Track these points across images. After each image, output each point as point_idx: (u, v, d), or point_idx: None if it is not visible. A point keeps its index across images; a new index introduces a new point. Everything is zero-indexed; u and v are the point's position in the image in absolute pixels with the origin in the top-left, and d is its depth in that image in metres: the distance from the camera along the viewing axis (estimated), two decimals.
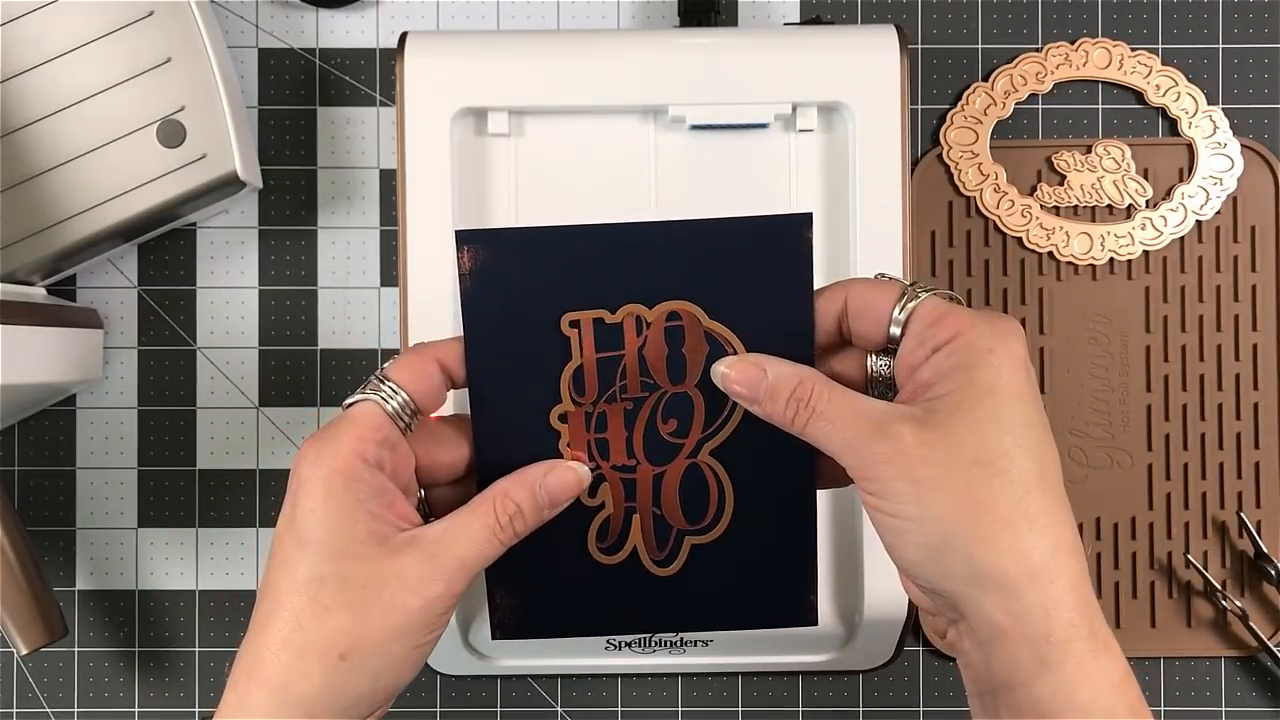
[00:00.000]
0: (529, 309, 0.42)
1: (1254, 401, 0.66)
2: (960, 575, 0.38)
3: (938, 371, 0.39)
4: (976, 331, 0.39)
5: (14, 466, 0.67)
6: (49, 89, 0.59)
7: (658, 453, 0.44)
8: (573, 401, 0.43)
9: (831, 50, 0.60)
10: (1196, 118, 0.66)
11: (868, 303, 0.42)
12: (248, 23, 0.67)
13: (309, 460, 0.40)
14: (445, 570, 0.40)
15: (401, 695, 0.66)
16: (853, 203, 0.59)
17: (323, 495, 0.40)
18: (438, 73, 0.59)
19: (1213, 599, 0.66)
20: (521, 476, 0.42)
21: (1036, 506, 0.38)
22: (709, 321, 0.43)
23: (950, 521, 0.38)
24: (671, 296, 0.42)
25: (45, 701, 0.66)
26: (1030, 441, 0.39)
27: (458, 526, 0.41)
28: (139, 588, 0.67)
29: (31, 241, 0.59)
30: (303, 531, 0.40)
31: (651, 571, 0.45)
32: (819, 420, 0.40)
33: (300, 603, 0.39)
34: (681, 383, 0.43)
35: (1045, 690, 0.38)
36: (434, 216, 0.59)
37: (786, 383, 0.41)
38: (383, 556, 0.40)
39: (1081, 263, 0.66)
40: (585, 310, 0.42)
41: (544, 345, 0.43)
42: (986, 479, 0.38)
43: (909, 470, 0.38)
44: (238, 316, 0.66)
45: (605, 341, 0.43)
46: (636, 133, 0.61)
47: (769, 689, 0.67)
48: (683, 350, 0.43)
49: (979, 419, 0.38)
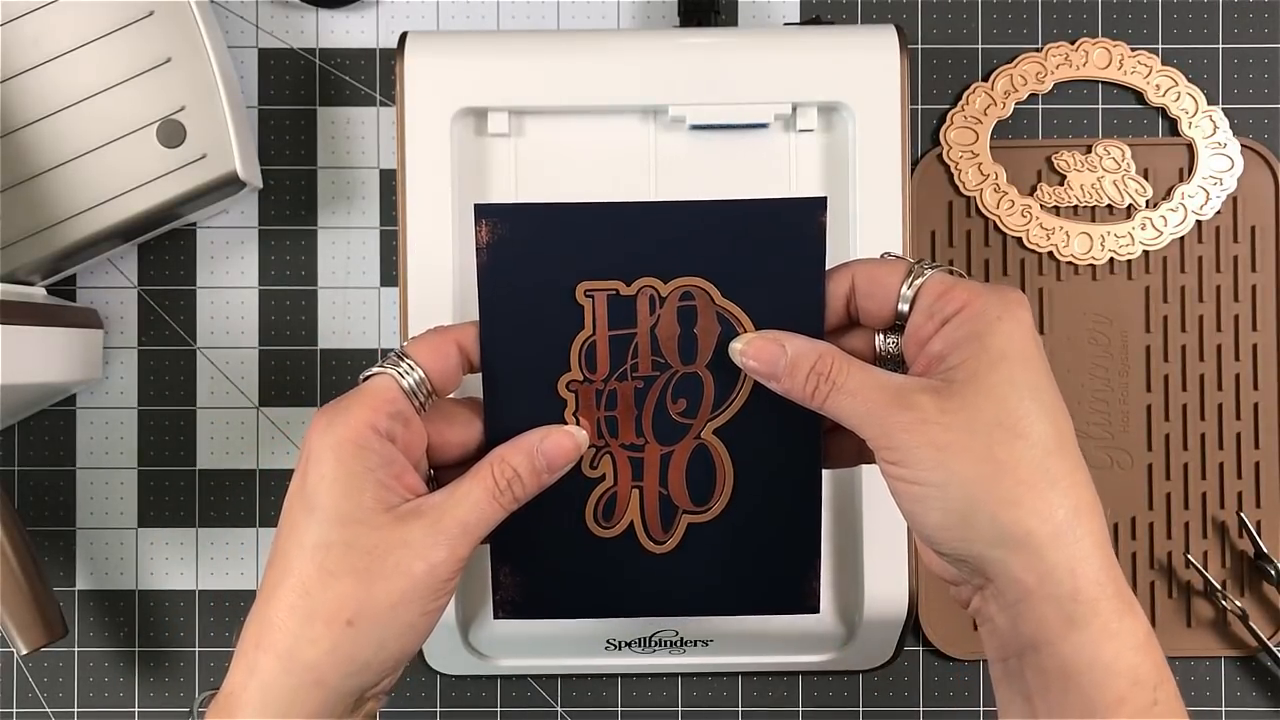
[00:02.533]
0: (544, 280, 0.43)
1: (1254, 401, 0.66)
2: (986, 538, 0.38)
3: (949, 342, 0.40)
4: (985, 301, 0.40)
5: (14, 466, 0.67)
6: (49, 89, 0.59)
7: (666, 432, 0.44)
8: (583, 375, 0.44)
9: (831, 50, 0.60)
10: (1196, 118, 0.66)
11: (876, 281, 0.42)
12: (248, 23, 0.67)
13: (320, 429, 0.41)
14: (448, 535, 0.40)
15: (401, 695, 0.66)
16: (853, 203, 0.59)
17: (332, 463, 0.40)
18: (438, 73, 0.59)
19: (1213, 599, 0.66)
20: (519, 442, 0.43)
21: (1058, 467, 0.39)
22: (721, 300, 0.43)
23: (974, 485, 0.38)
24: (686, 273, 0.43)
25: (45, 701, 0.66)
26: (1046, 404, 0.39)
27: (459, 492, 0.42)
28: (139, 588, 0.67)
29: (31, 241, 0.59)
30: (311, 498, 0.40)
31: (649, 550, 0.45)
32: (839, 394, 0.41)
33: (308, 569, 0.40)
34: (692, 363, 0.44)
35: (1071, 649, 0.38)
36: (434, 216, 0.59)
37: (806, 358, 0.41)
38: (389, 524, 0.40)
39: (1081, 263, 0.66)
40: (600, 281, 0.43)
41: (557, 315, 0.43)
42: (1008, 441, 0.38)
43: (931, 437, 0.39)
44: (238, 316, 0.66)
45: (619, 317, 0.43)
46: (636, 133, 0.61)
47: (769, 689, 0.67)
48: (694, 330, 0.43)
49: (995, 384, 0.39)
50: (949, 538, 0.39)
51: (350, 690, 0.41)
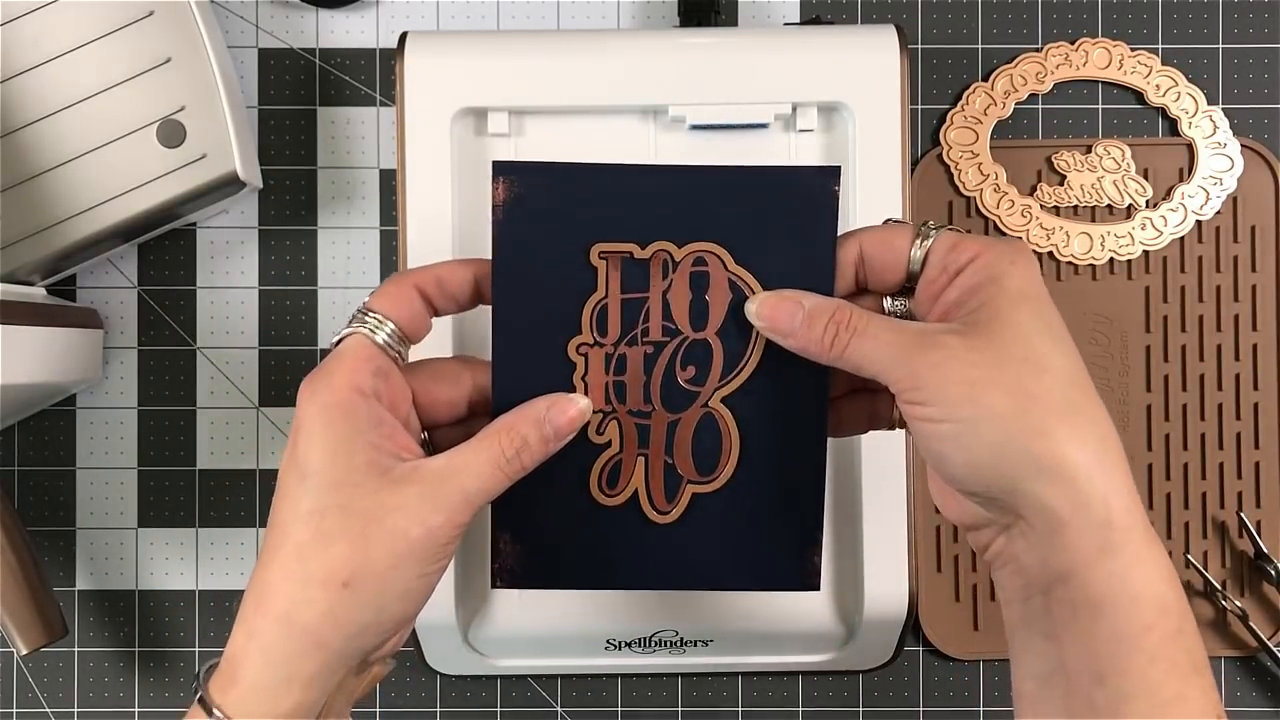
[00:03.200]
0: (559, 240, 0.43)
1: (1254, 401, 0.66)
2: (1021, 470, 0.39)
3: (966, 289, 0.41)
4: (996, 250, 0.41)
5: (14, 466, 0.67)
6: (49, 89, 0.59)
7: (674, 400, 0.44)
8: (594, 338, 0.44)
9: (831, 50, 0.60)
10: (1196, 118, 0.66)
11: (886, 245, 0.43)
12: (248, 23, 0.67)
13: (305, 397, 0.41)
14: (447, 502, 0.40)
15: (402, 695, 0.67)
16: (853, 203, 0.59)
17: (321, 428, 0.40)
18: (438, 73, 0.59)
19: (1213, 599, 0.66)
20: (525, 410, 0.43)
21: (1082, 400, 0.40)
22: (734, 266, 0.43)
23: (1007, 418, 0.39)
24: (700, 238, 0.43)
25: (45, 701, 0.66)
26: (1064, 341, 0.41)
27: (461, 459, 0.41)
28: (139, 588, 0.67)
29: (31, 241, 0.59)
30: (304, 465, 0.40)
31: (652, 520, 0.45)
32: (861, 339, 0.41)
33: (304, 534, 0.40)
34: (703, 330, 0.44)
35: (1103, 576, 0.38)
36: (434, 216, 0.59)
37: (824, 309, 0.42)
38: (384, 487, 0.40)
39: (1081, 263, 0.66)
40: (615, 243, 0.43)
41: (571, 276, 0.43)
42: (1036, 374, 0.39)
43: (961, 373, 0.39)
44: (238, 316, 0.66)
45: (631, 281, 0.43)
46: (636, 133, 0.61)
47: (769, 689, 0.67)
48: (706, 296, 0.44)
49: (1019, 322, 0.40)
50: (981, 474, 0.39)
51: (351, 652, 0.41)
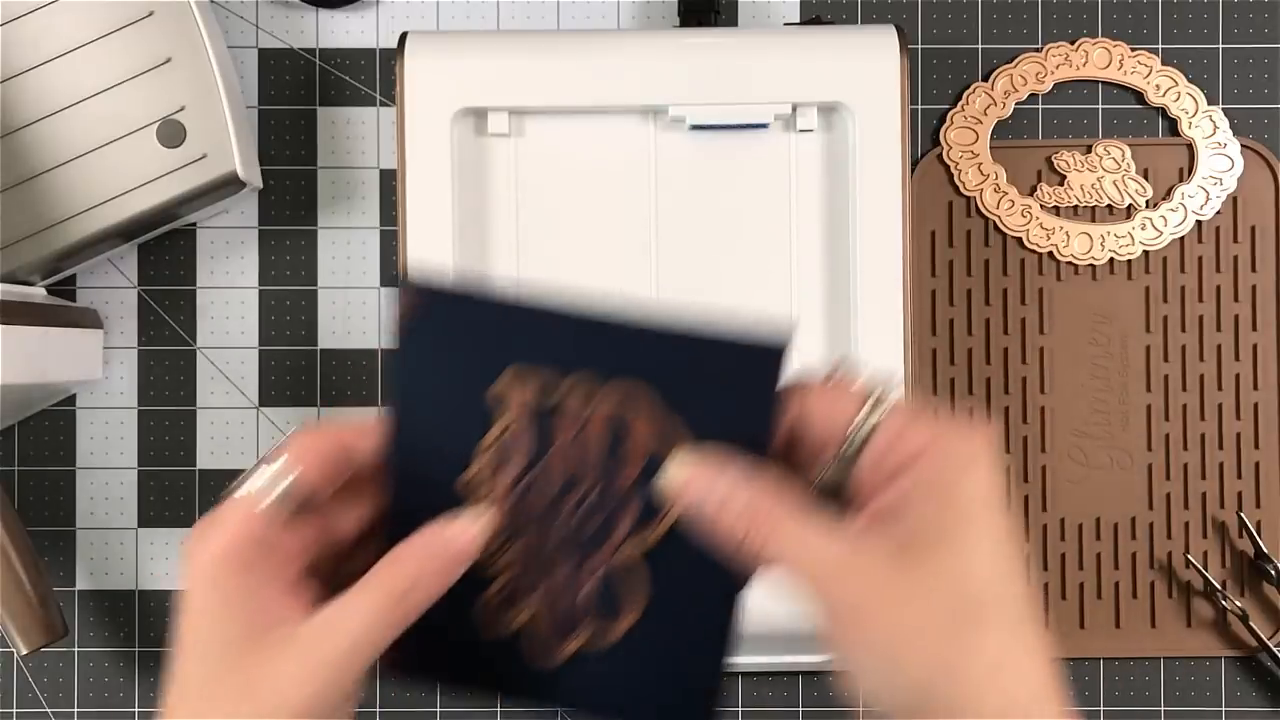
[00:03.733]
0: (468, 367, 0.39)
1: (1254, 401, 0.66)
2: (932, 709, 0.35)
3: (907, 496, 0.36)
4: (947, 447, 0.36)
5: (14, 466, 0.67)
6: (49, 89, 0.59)
7: (581, 543, 0.40)
8: (493, 475, 0.40)
9: (831, 50, 0.60)
10: (1196, 118, 0.66)
11: (825, 414, 0.38)
12: (248, 23, 0.67)
13: (192, 550, 0.38)
14: (322, 665, 0.37)
15: (402, 695, 0.66)
16: (853, 203, 0.59)
17: (203, 591, 0.38)
18: (438, 73, 0.59)
19: (1213, 599, 0.66)
20: (414, 542, 0.38)
21: (1021, 646, 0.35)
22: (660, 414, 0.39)
23: (933, 672, 0.35)
24: (626, 377, 0.39)
25: (45, 701, 0.66)
26: (1011, 572, 0.36)
27: (344, 610, 0.37)
28: (139, 588, 0.67)
29: (31, 241, 0.59)
30: (185, 634, 0.38)
31: (548, 650, 0.41)
32: (780, 541, 0.37)
33: (196, 704, 0.37)
34: (619, 476, 0.40)
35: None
36: (434, 216, 0.59)
37: (738, 498, 0.37)
38: (261, 661, 0.37)
39: (1081, 263, 0.66)
40: (529, 371, 0.39)
41: (477, 406, 0.39)
42: (974, 622, 0.35)
43: (889, 615, 0.35)
44: (238, 316, 0.66)
45: (542, 417, 0.39)
46: (636, 133, 0.61)
47: (769, 689, 0.67)
48: (625, 443, 0.39)
49: (963, 549, 0.35)
50: (896, 702, 0.36)
51: None
